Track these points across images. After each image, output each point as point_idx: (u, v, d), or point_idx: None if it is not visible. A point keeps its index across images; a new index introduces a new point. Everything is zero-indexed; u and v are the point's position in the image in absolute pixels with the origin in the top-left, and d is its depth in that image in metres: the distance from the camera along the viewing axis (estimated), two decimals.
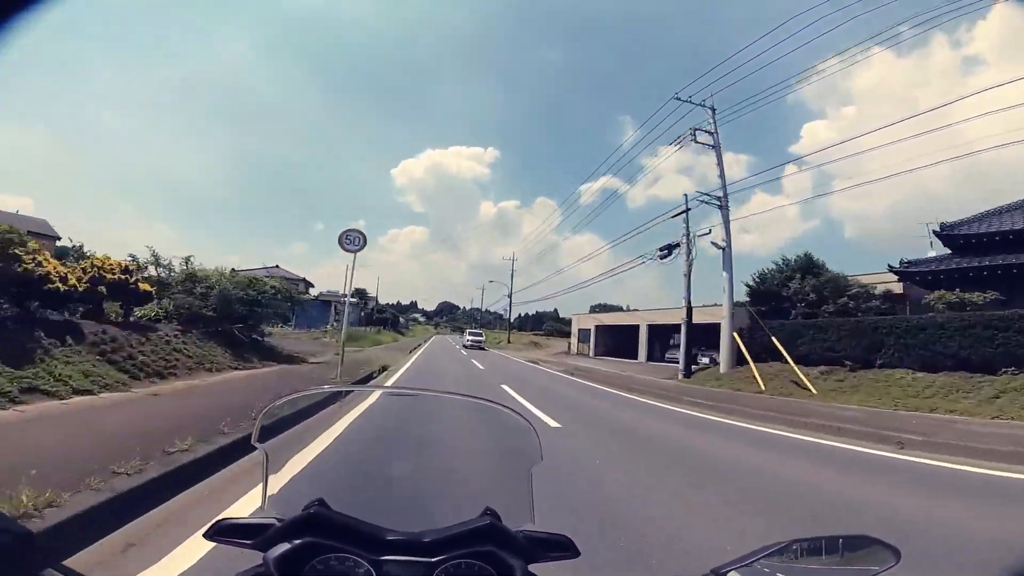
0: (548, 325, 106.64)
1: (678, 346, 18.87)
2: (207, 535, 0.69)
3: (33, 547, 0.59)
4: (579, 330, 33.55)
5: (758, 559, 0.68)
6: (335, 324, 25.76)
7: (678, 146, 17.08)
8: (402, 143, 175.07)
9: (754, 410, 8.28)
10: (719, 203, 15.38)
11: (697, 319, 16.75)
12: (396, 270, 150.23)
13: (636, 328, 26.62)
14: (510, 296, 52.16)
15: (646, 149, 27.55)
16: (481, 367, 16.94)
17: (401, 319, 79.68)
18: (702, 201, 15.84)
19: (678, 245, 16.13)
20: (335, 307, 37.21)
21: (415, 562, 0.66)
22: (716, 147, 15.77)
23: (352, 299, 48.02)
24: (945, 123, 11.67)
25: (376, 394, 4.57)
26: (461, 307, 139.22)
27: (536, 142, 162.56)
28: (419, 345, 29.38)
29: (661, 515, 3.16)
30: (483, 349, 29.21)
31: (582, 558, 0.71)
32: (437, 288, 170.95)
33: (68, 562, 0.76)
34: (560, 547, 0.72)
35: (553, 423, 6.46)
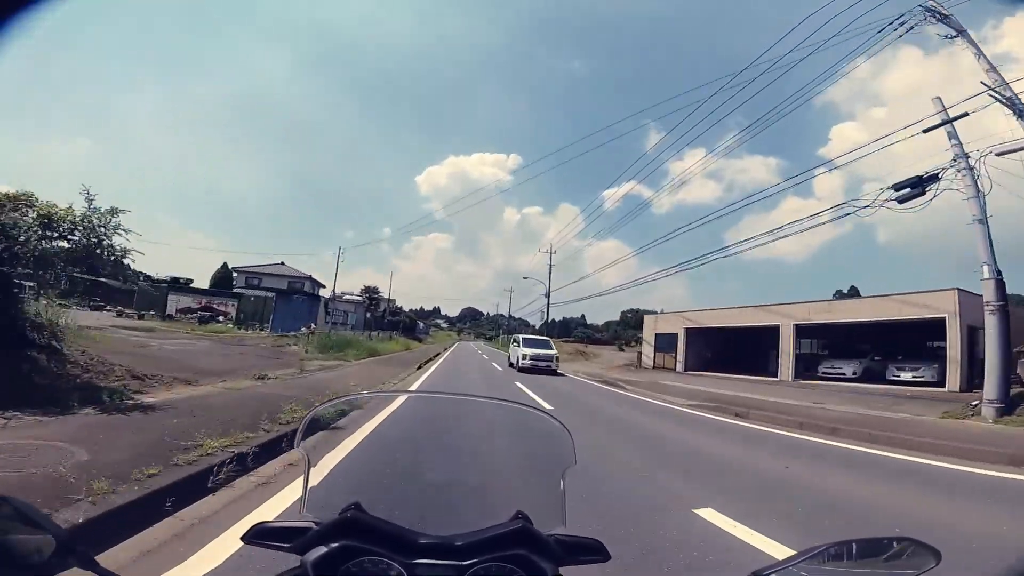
0: (579, 332, 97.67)
1: (839, 356, 17.80)
2: (245, 538, 0.72)
3: (66, 545, 0.59)
4: (657, 335, 27.36)
5: (798, 563, 0.68)
6: (314, 327, 19.87)
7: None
8: (425, 150, 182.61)
9: None
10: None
11: (888, 313, 13.45)
12: (420, 277, 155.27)
13: (757, 332, 20.65)
14: (548, 295, 45.00)
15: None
16: (547, 404, 9.17)
17: (421, 324, 71.00)
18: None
19: (935, 177, 9.58)
20: (326, 306, 27.74)
21: (447, 565, 0.67)
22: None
23: (354, 297, 34.95)
24: None
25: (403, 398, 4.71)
26: (485, 313, 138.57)
27: (559, 149, 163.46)
28: (434, 357, 22.00)
29: None
30: (555, 373, 17.83)
31: (612, 561, 0.73)
32: (461, 295, 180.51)
33: (100, 558, 0.65)
34: (591, 551, 0.74)
35: None
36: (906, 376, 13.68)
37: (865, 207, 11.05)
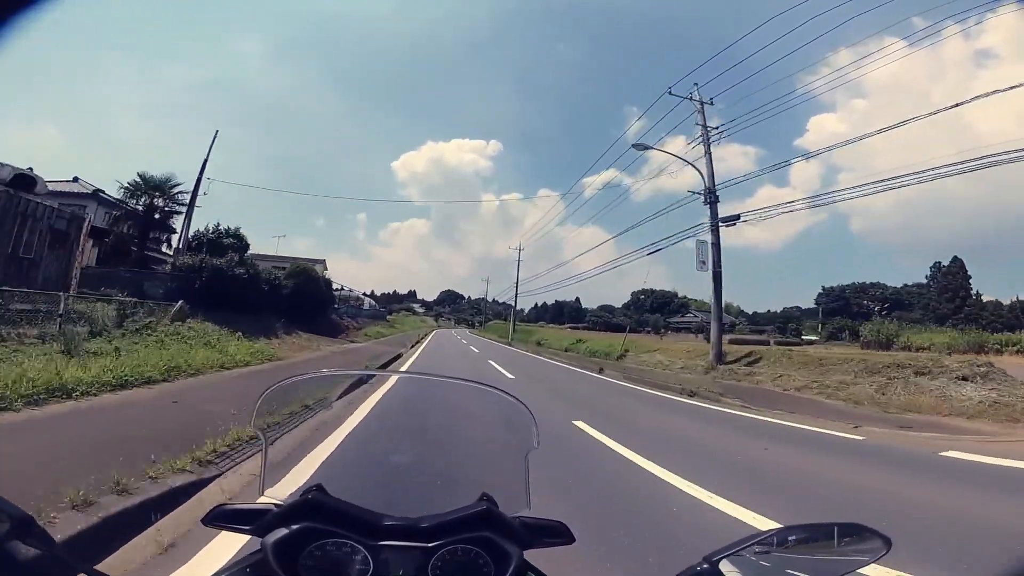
0: (594, 315, 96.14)
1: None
2: (205, 521, 0.75)
3: (21, 524, 0.61)
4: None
5: (749, 546, 0.72)
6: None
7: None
8: (402, 136, 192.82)
9: None
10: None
11: None
12: (397, 263, 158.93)
13: None
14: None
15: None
16: None
17: (370, 303, 63.64)
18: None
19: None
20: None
21: (412, 547, 0.71)
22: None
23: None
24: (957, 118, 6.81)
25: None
26: (466, 297, 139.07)
27: (539, 135, 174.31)
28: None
29: None
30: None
31: (575, 544, 0.80)
32: (440, 282, 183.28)
33: (100, 567, 0.70)
34: (555, 533, 0.79)
35: None
36: None
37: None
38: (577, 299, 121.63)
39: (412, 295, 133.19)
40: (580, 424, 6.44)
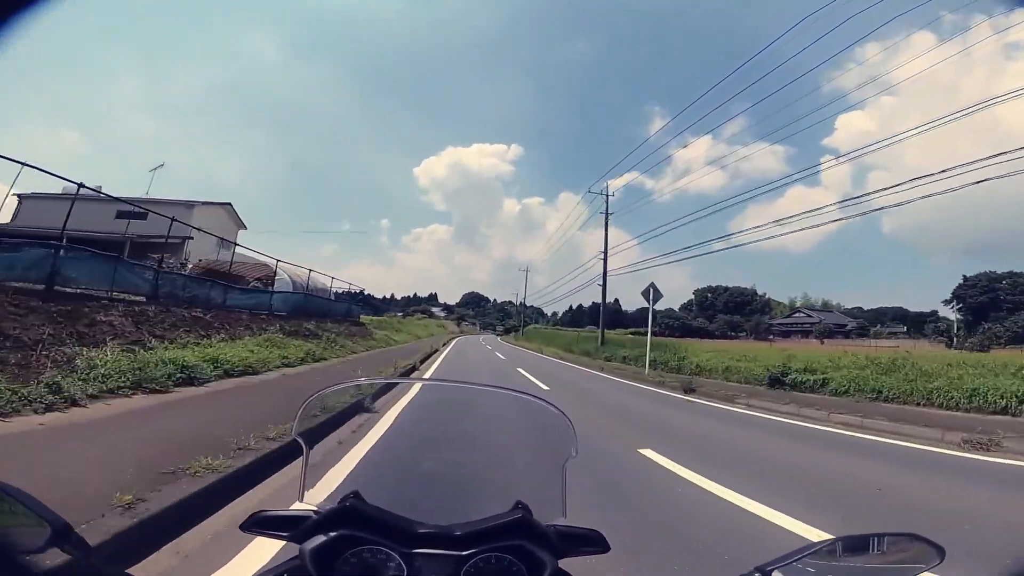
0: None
1: None
2: (244, 527, 0.80)
3: (61, 533, 0.64)
4: None
5: (802, 557, 0.75)
6: None
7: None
8: (424, 142, 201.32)
9: None
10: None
11: None
12: (420, 268, 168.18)
13: None
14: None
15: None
16: None
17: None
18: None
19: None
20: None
21: (446, 555, 0.74)
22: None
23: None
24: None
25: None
26: (491, 299, 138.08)
27: (560, 138, 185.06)
28: None
29: None
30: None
31: (612, 553, 0.82)
32: (462, 287, 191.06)
33: (132, 570, 0.81)
34: (590, 542, 0.82)
35: None
36: None
37: None
38: (616, 301, 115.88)
39: (433, 298, 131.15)
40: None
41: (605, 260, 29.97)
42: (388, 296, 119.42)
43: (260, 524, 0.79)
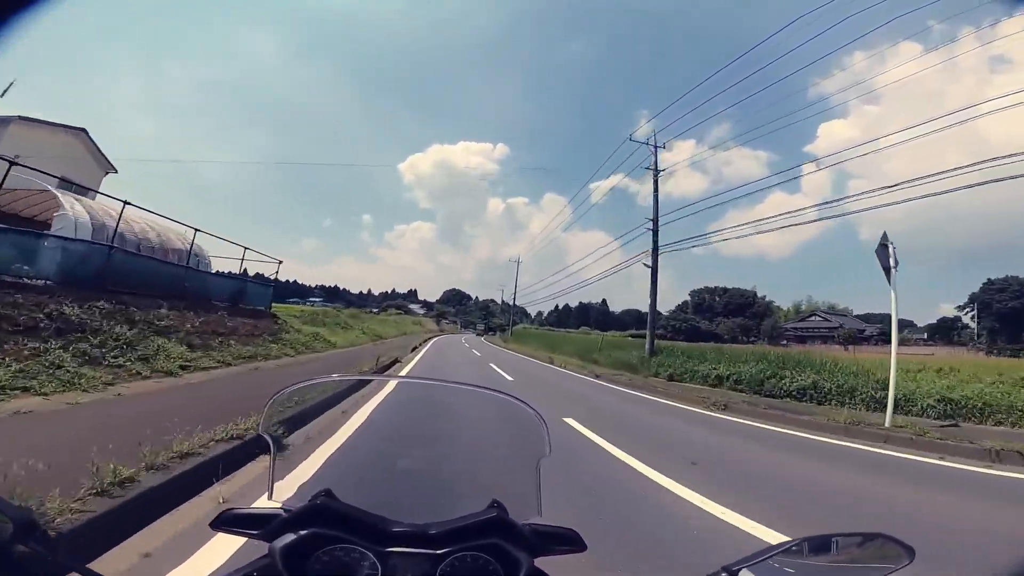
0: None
1: None
2: (213, 525, 0.79)
3: (25, 528, 0.63)
4: None
5: (771, 556, 0.76)
6: None
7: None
8: (409, 138, 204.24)
9: None
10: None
11: None
12: (403, 266, 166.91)
13: None
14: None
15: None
16: None
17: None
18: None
19: None
20: None
21: (420, 554, 0.74)
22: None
23: None
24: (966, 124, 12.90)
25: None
26: (473, 297, 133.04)
27: (546, 139, 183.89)
28: None
29: None
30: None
31: (587, 552, 0.83)
32: (444, 285, 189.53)
33: (92, 565, 0.71)
34: (567, 541, 0.82)
35: None
36: None
37: None
38: (604, 301, 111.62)
39: (412, 295, 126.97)
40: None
41: (655, 230, 20.02)
42: (366, 291, 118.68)
43: (229, 522, 0.79)
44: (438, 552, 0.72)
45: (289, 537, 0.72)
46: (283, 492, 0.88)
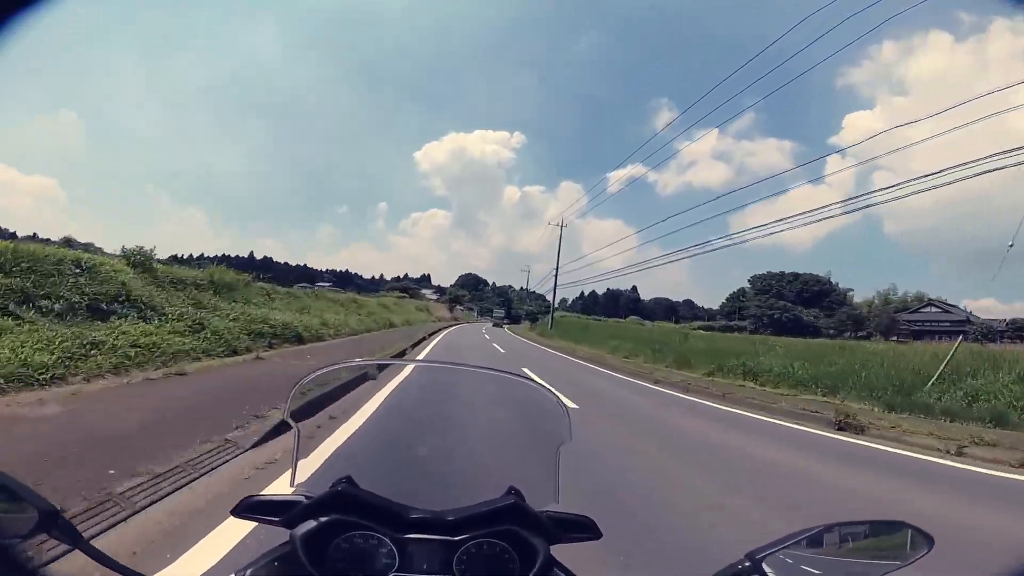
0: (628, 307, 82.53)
1: None
2: (235, 512, 0.80)
3: (48, 518, 0.62)
4: None
5: (791, 544, 0.77)
6: None
7: None
8: (425, 127, 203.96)
9: None
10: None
11: None
12: (417, 253, 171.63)
13: None
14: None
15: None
16: None
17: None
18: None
19: None
20: None
21: (438, 540, 0.74)
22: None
23: None
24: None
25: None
26: (490, 283, 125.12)
27: (564, 127, 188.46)
28: None
29: None
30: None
31: (604, 540, 0.84)
32: (459, 271, 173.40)
33: (95, 542, 0.91)
34: (583, 528, 0.83)
35: None
36: None
37: None
38: (634, 288, 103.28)
39: (426, 279, 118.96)
40: None
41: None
42: (378, 277, 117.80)
43: (251, 509, 0.80)
44: (455, 539, 0.73)
45: (310, 524, 0.73)
46: (306, 479, 0.90)
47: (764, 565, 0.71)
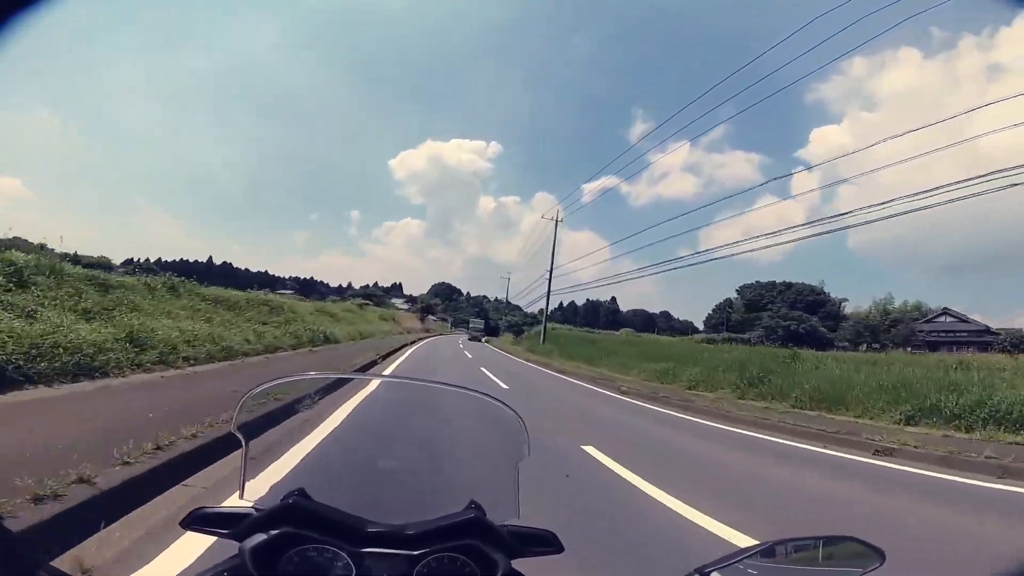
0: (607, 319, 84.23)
1: None
2: (183, 523, 0.80)
3: (16, 547, 0.60)
4: None
5: (742, 559, 0.78)
6: None
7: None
8: (401, 134, 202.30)
9: None
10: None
11: None
12: (391, 261, 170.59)
13: None
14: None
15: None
16: None
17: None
18: None
19: None
20: None
21: (396, 555, 0.74)
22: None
23: None
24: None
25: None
26: (465, 292, 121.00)
27: (540, 138, 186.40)
28: None
29: None
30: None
31: (566, 554, 0.85)
32: (432, 280, 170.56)
33: (55, 563, 0.93)
34: (544, 542, 0.84)
35: None
36: None
37: None
38: (613, 299, 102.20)
39: (397, 288, 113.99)
40: None
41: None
42: (345, 285, 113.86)
43: (200, 521, 0.78)
44: (414, 553, 0.73)
45: (260, 537, 0.72)
46: (255, 492, 0.89)
47: None
